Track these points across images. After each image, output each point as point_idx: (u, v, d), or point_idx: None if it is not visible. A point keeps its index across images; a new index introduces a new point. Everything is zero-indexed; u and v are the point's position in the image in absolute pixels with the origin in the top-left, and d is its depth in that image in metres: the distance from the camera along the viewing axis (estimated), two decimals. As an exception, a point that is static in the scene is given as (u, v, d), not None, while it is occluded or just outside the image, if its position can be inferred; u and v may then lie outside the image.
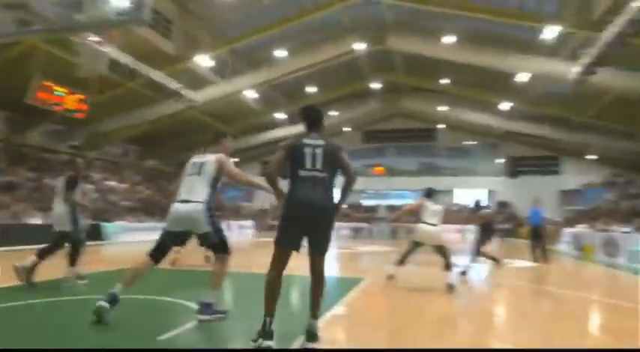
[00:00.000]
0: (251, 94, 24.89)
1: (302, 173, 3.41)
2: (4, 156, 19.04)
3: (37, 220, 15.21)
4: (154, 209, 23.10)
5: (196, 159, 4.49)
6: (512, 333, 4.01)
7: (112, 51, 13.08)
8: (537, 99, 24.38)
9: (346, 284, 6.48)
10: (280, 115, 28.64)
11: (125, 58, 15.41)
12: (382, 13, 20.31)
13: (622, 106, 20.06)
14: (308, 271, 3.47)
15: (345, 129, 34.62)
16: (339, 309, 4.76)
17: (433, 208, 6.87)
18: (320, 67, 23.59)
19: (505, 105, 25.04)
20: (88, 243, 6.74)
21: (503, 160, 33.43)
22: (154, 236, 4.43)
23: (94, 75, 10.57)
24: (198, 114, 24.53)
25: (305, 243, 3.45)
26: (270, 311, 3.32)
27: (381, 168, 35.91)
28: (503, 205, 31.09)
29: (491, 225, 8.77)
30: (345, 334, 3.93)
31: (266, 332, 3.24)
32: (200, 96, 20.38)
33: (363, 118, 32.31)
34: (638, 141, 22.72)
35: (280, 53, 20.86)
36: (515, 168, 33.25)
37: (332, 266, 9.19)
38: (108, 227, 17.20)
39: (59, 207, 6.14)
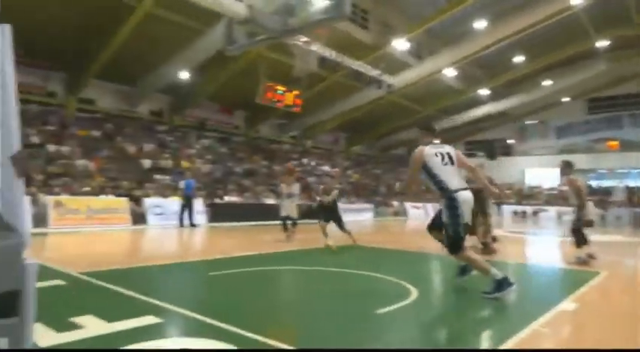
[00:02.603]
0: (450, 73, 23.87)
1: None
2: (245, 148, 23.10)
3: (270, 200, 17.67)
4: (362, 191, 24.67)
5: (438, 148, 4.53)
6: None
7: (319, 48, 14.32)
8: None
9: (575, 279, 5.66)
10: (483, 92, 26.72)
11: (330, 53, 16.70)
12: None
13: None
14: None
15: (563, 99, 30.15)
16: (568, 305, 4.18)
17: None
18: (527, 32, 20.97)
19: None
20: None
21: None
22: (362, 216, 4.70)
23: (306, 72, 11.79)
24: (397, 99, 24.89)
25: None
26: None
27: (615, 143, 29.90)
28: None
29: None
30: (574, 333, 3.44)
31: None
32: (398, 80, 20.60)
33: (584, 85, 27.50)
34: None
35: (480, 24, 19.33)
36: None
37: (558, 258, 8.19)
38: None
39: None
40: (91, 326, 3.08)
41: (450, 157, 4.47)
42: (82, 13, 14.60)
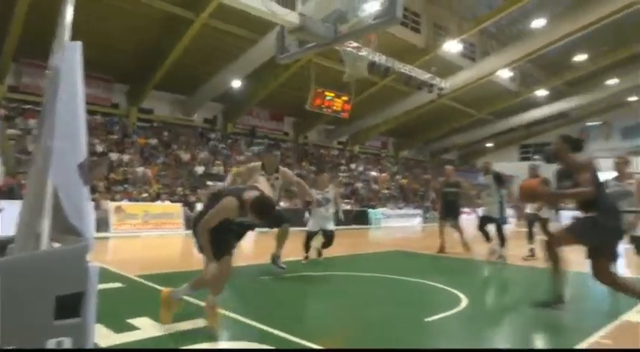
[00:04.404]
0: (505, 74, 23.00)
1: None
2: (292, 154, 23.34)
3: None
4: (411, 196, 24.21)
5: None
6: None
7: (369, 53, 14.25)
8: None
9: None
10: (541, 93, 25.53)
11: (380, 58, 16.57)
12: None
13: None
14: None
15: (629, 98, 28.17)
16: (633, 316, 3.87)
17: None
18: (591, 29, 19.83)
19: None
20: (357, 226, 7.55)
21: None
22: (410, 222, 4.59)
23: (356, 78, 11.73)
24: (449, 102, 24.28)
25: None
26: None
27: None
28: None
29: None
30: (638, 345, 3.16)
31: None
32: (450, 83, 20.11)
33: (655, 83, 25.57)
34: None
35: (538, 23, 18.51)
36: None
37: None
38: (372, 213, 19.05)
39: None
40: (147, 328, 3.21)
41: None
42: (142, 29, 15.45)
